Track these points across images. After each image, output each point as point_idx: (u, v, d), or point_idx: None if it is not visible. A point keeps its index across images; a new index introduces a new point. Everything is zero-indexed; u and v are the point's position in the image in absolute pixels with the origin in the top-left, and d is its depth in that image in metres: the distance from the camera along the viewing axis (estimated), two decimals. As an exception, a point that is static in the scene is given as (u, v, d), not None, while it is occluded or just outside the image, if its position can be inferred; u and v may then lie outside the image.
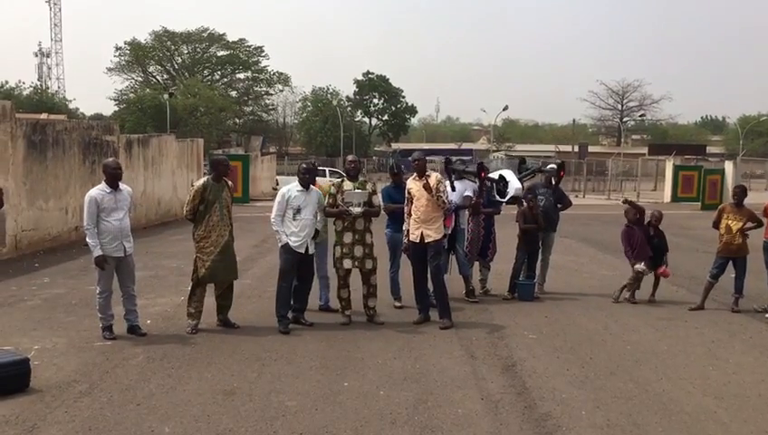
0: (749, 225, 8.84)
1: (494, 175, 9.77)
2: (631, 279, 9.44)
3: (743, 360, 6.76)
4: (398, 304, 8.89)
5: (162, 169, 19.75)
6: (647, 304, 9.30)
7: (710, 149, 65.74)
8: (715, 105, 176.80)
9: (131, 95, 63.78)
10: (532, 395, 5.68)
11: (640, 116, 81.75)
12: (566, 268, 11.79)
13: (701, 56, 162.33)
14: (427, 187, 7.74)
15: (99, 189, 7.24)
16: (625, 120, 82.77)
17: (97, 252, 7.06)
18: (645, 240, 9.44)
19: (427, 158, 8.50)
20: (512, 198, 9.66)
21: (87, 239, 7.16)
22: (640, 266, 9.35)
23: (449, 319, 7.93)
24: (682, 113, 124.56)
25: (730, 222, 8.89)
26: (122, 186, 7.42)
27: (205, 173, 22.99)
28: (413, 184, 8.01)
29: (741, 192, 9.08)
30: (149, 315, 8.13)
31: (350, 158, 8.40)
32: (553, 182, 10.15)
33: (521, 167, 10.71)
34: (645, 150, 61.11)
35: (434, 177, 7.93)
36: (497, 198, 9.69)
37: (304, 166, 8.07)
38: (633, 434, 4.90)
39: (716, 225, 9.11)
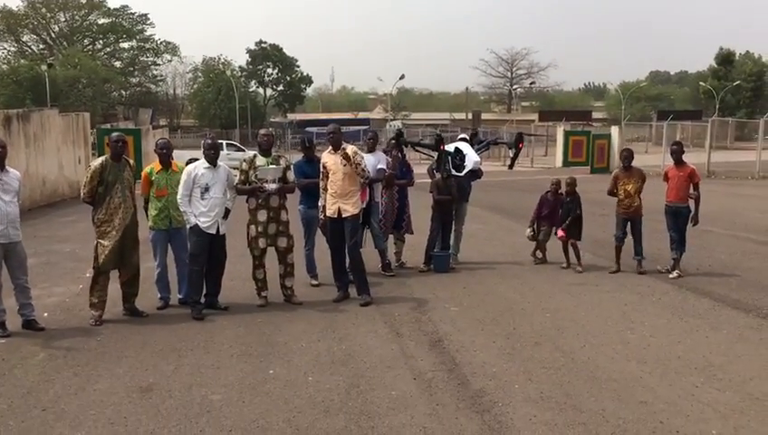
0: (639, 184, 9.20)
1: (450, 148, 9.54)
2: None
3: (657, 322, 6.97)
4: (314, 282, 8.65)
5: (46, 145, 18.38)
6: (558, 269, 9.51)
7: (594, 115, 68.60)
8: (596, 72, 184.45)
9: (4, 66, 59.31)
10: (464, 371, 5.61)
11: (531, 84, 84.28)
12: (476, 237, 11.85)
13: (582, 25, 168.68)
14: (346, 157, 7.50)
15: (-19, 171, 6.54)
16: (515, 87, 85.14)
17: None
18: (553, 209, 9.75)
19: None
20: (469, 171, 9.45)
21: None
22: (528, 231, 10.06)
23: (368, 295, 7.78)
24: (566, 81, 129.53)
25: (627, 186, 9.17)
26: (10, 169, 6.74)
27: (93, 153, 21.74)
28: (329, 158, 7.75)
29: (629, 155, 9.38)
30: (46, 307, 7.50)
31: (263, 131, 7.95)
32: (511, 154, 10.17)
33: (473, 139, 10.47)
34: (534, 117, 63.09)
35: (350, 148, 7.70)
36: (453, 172, 9.46)
37: (209, 141, 7.60)
38: (567, 405, 4.91)
39: (612, 192, 9.38)
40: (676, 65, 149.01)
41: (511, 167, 10.79)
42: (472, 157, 9.38)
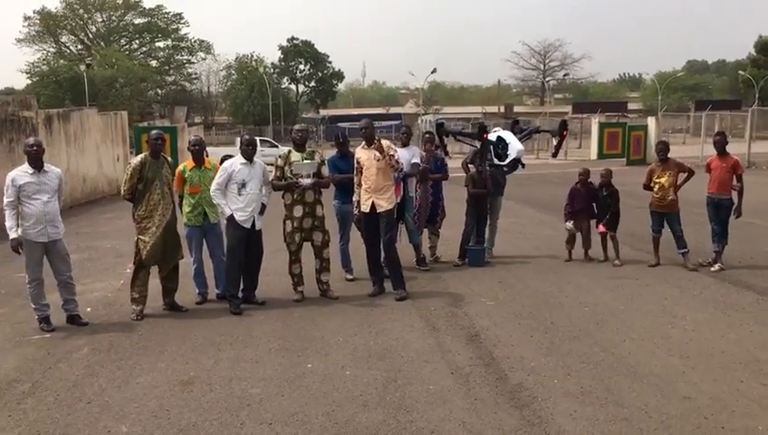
0: (682, 177, 8.95)
1: (492, 137, 9.40)
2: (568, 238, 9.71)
3: (698, 316, 6.85)
4: (349, 276, 8.68)
5: (86, 144, 18.75)
6: (596, 263, 9.37)
7: (629, 106, 67.51)
8: (631, 63, 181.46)
9: (44, 67, 60.51)
10: (501, 366, 5.58)
11: (564, 76, 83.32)
12: (510, 231, 11.77)
13: (617, 14, 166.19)
14: (379, 148, 7.49)
15: (20, 170, 6.70)
16: (547, 79, 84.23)
17: (12, 234, 6.54)
18: (587, 201, 9.55)
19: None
20: (513, 160, 9.28)
21: (5, 222, 6.63)
22: (568, 225, 9.64)
23: (404, 289, 7.77)
24: (601, 72, 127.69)
25: (662, 180, 8.97)
26: (50, 167, 6.88)
27: (131, 151, 22.08)
28: (362, 153, 7.76)
29: (664, 148, 9.15)
30: (89, 302, 7.66)
31: (297, 127, 7.96)
32: (554, 142, 9.98)
33: (515, 128, 10.31)
34: (568, 109, 62.30)
35: (383, 142, 7.70)
36: (496, 162, 9.31)
37: (247, 137, 7.68)
38: (609, 400, 4.86)
39: (647, 186, 9.18)
40: (714, 54, 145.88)
41: (555, 155, 10.64)
42: (515, 145, 9.23)
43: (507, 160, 9.26)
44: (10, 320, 7.12)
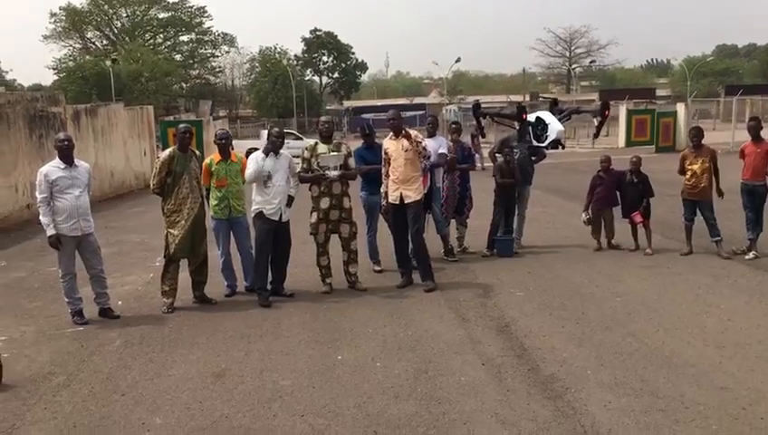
0: (708, 164, 8.75)
1: (531, 118, 9.28)
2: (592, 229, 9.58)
3: (734, 305, 6.72)
4: (377, 268, 8.66)
5: (113, 139, 18.96)
6: (626, 252, 9.24)
7: (658, 92, 66.52)
8: (658, 48, 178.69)
9: (71, 63, 61.24)
10: (533, 357, 5.53)
11: (591, 63, 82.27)
12: (538, 220, 11.65)
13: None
14: (407, 136, 7.45)
15: (51, 165, 6.77)
16: (573, 66, 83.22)
17: (50, 231, 6.61)
18: (610, 189, 9.41)
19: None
20: (553, 141, 9.15)
21: (40, 218, 6.70)
22: (583, 216, 9.54)
23: (433, 281, 7.74)
24: (628, 57, 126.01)
25: (694, 166, 8.80)
26: (79, 162, 6.95)
27: (157, 145, 22.30)
28: (390, 144, 7.72)
29: (697, 133, 8.95)
30: (119, 295, 7.74)
31: (323, 119, 7.97)
32: (596, 123, 9.83)
33: (553, 109, 10.15)
34: (594, 96, 61.55)
35: (411, 131, 7.66)
36: (535, 142, 9.19)
37: (277, 130, 7.69)
38: (644, 391, 4.78)
39: (682, 172, 9.02)
40: (744, 38, 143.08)
41: (596, 136, 10.46)
42: (555, 126, 9.08)
43: (547, 141, 9.12)
44: (44, 313, 7.22)
